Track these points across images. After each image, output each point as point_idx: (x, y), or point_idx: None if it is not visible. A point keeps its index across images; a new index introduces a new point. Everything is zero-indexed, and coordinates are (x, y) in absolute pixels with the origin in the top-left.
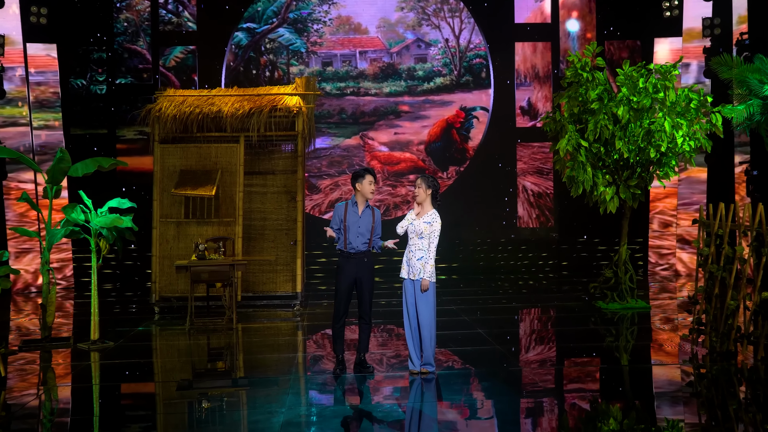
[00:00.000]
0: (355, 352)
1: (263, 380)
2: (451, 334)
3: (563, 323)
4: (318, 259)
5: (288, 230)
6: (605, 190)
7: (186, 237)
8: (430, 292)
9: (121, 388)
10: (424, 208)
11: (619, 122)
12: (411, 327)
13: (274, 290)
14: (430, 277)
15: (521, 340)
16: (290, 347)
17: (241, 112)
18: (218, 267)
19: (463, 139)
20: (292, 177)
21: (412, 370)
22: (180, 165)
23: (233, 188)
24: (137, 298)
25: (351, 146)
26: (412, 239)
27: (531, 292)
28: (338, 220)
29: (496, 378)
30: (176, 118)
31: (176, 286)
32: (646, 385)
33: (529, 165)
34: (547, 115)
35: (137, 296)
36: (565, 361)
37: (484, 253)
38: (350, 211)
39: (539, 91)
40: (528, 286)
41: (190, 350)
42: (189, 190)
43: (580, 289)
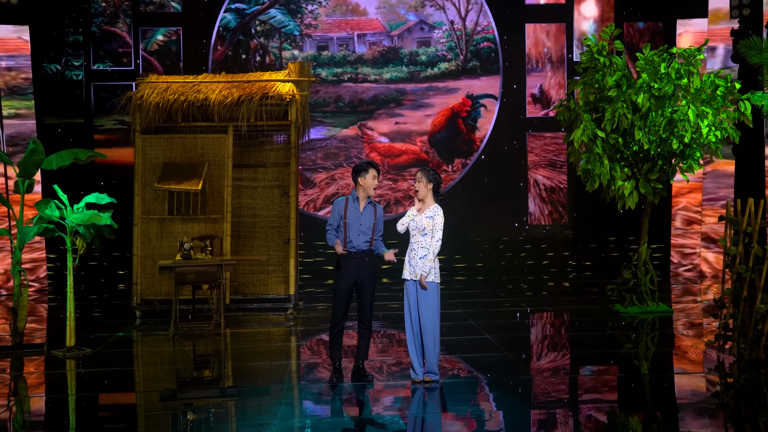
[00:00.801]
0: (354, 360)
1: (254, 390)
2: (456, 340)
3: (578, 328)
4: (313, 258)
5: (280, 228)
6: (624, 184)
7: (170, 235)
8: (433, 294)
9: (99, 398)
10: (426, 204)
11: (638, 111)
12: (413, 332)
13: (265, 292)
14: (431, 275)
15: (532, 346)
16: (283, 354)
17: (230, 100)
18: (205, 267)
19: (469, 130)
20: (284, 170)
21: (414, 379)
22: (163, 157)
23: (221, 182)
24: (117, 302)
25: (348, 137)
26: (414, 237)
27: (543, 295)
28: (338, 216)
29: (506, 387)
30: (159, 106)
31: (159, 288)
32: (668, 395)
33: (541, 157)
34: (561, 103)
35: (117, 299)
36: (580, 369)
37: (492, 253)
38: (351, 207)
39: (552, 77)
40: (540, 288)
41: (174, 358)
42: (173, 184)
43: (596, 292)
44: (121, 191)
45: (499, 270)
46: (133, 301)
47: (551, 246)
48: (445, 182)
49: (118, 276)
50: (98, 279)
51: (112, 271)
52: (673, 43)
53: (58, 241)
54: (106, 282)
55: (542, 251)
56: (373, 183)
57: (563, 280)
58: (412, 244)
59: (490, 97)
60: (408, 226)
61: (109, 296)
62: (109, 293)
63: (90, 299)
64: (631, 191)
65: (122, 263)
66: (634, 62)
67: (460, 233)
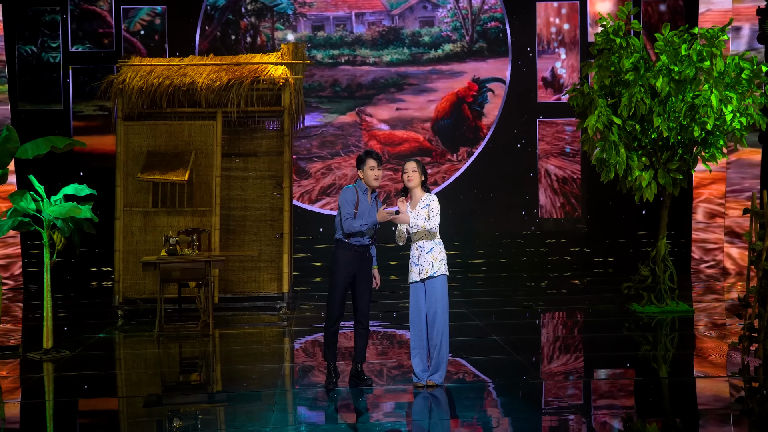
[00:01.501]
0: (351, 362)
1: (244, 395)
2: (462, 342)
3: (592, 329)
4: (308, 254)
5: (273, 221)
6: (641, 174)
7: (154, 229)
8: (443, 290)
9: (79, 404)
10: (416, 196)
11: (657, 96)
12: (419, 336)
13: (256, 290)
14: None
15: (543, 348)
16: (275, 356)
17: (218, 85)
18: (192, 264)
19: (476, 116)
20: (277, 160)
21: (416, 383)
22: (147, 145)
23: (209, 172)
24: (97, 300)
25: (346, 124)
26: (416, 234)
27: (554, 293)
28: (352, 205)
29: (515, 392)
30: (143, 91)
31: (143, 286)
32: (689, 400)
33: (553, 146)
34: (574, 87)
35: (97, 298)
36: (594, 372)
37: (499, 248)
38: (361, 200)
39: (565, 59)
40: (551, 286)
41: (159, 360)
42: (158, 174)
43: (611, 290)
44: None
45: (507, 267)
46: (114, 299)
47: (563, 241)
48: (450, 172)
49: (99, 273)
50: (77, 276)
51: (92, 268)
52: (694, 23)
53: (34, 235)
54: (86, 280)
55: (553, 246)
56: (372, 174)
57: (576, 278)
58: (416, 241)
59: (498, 81)
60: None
61: (89, 295)
62: (90, 292)
63: (69, 298)
64: (649, 182)
65: (103, 259)
66: (652, 43)
67: (465, 227)
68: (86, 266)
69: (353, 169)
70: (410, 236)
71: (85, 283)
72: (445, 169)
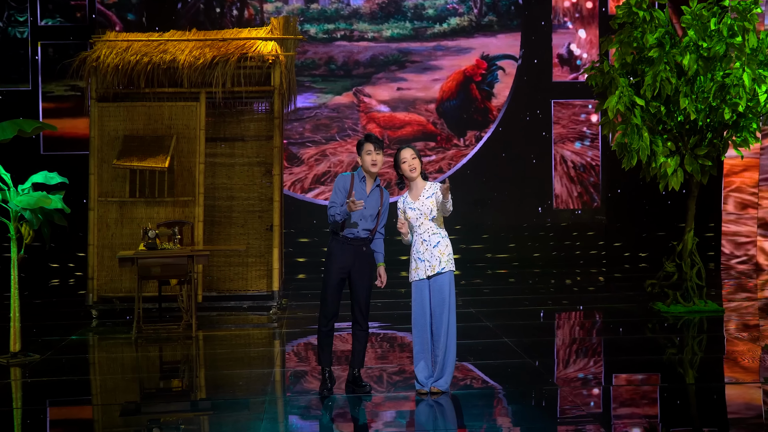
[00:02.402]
0: (348, 367)
1: (230, 403)
2: (469, 344)
3: (612, 330)
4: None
5: (262, 212)
6: (666, 161)
7: (131, 221)
8: (450, 287)
9: (49, 413)
10: (417, 186)
11: (684, 74)
12: (423, 339)
13: (244, 288)
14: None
15: (558, 351)
16: (265, 361)
17: (202, 62)
18: (173, 259)
19: (485, 97)
20: (266, 145)
21: (419, 390)
22: (123, 129)
23: (192, 159)
24: (70, 299)
25: (342, 105)
26: (421, 227)
27: (571, 291)
28: (343, 192)
29: (527, 399)
30: (119, 69)
31: (119, 284)
32: (718, 408)
33: (569, 129)
34: (593, 65)
35: (70, 296)
36: (614, 378)
37: (510, 242)
38: (357, 188)
39: (582, 35)
40: (567, 284)
41: (137, 365)
42: (135, 161)
43: (633, 288)
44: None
45: (518, 262)
46: (88, 298)
47: (581, 234)
48: (456, 158)
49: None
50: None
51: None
52: None
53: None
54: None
55: (570, 240)
56: (368, 159)
57: (595, 274)
58: (421, 235)
59: (509, 58)
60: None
61: (60, 293)
62: (61, 290)
63: (38, 297)
64: (675, 169)
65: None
66: (679, 17)
67: (473, 219)
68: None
69: (350, 155)
70: (413, 230)
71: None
72: (451, 155)
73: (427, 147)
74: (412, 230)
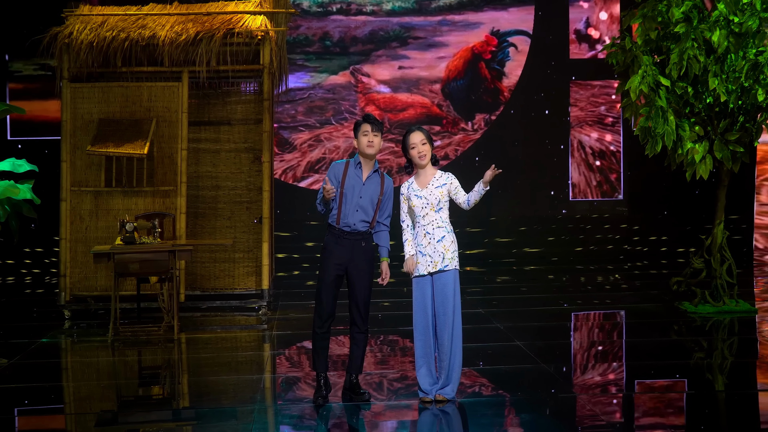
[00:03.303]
0: (345, 373)
1: (216, 412)
2: (478, 348)
3: (635, 332)
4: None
5: (250, 203)
6: (694, 147)
7: (107, 213)
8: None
9: (18, 423)
10: (426, 173)
11: (713, 52)
12: (425, 341)
13: (231, 287)
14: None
15: (576, 356)
16: (254, 366)
17: (184, 39)
18: (153, 254)
19: (495, 76)
20: (255, 129)
21: (423, 398)
22: (99, 112)
23: (173, 145)
24: (40, 299)
25: (338, 86)
26: (425, 217)
27: (589, 290)
28: (334, 181)
29: (541, 408)
30: (93, 46)
31: (94, 282)
32: (750, 418)
33: (588, 112)
34: (614, 42)
35: (40, 296)
36: (637, 384)
37: (523, 236)
38: (351, 175)
39: (602, 8)
40: (585, 281)
41: (114, 370)
42: (111, 147)
43: (658, 286)
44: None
45: (532, 258)
46: (60, 297)
47: (600, 227)
48: (463, 144)
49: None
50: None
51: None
52: None
53: None
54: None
55: (588, 234)
56: (364, 140)
57: (616, 271)
58: (425, 227)
59: (522, 34)
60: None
61: (30, 292)
62: (31, 288)
63: (6, 296)
64: (703, 156)
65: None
66: None
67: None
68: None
69: (347, 140)
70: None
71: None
72: (458, 140)
73: (431, 131)
74: (414, 220)
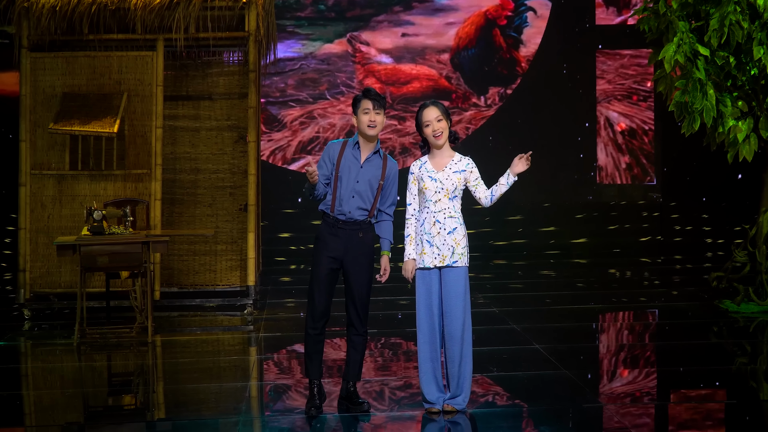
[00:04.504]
0: (341, 380)
1: (196, 424)
2: (491, 352)
3: (669, 334)
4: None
5: (234, 188)
6: (737, 125)
7: (73, 199)
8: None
9: None
10: (444, 154)
11: (759, 17)
12: (431, 343)
13: (212, 283)
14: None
15: (602, 361)
16: (238, 372)
17: (159, 2)
18: (124, 246)
19: (511, 45)
20: (239, 104)
21: (429, 409)
22: (62, 85)
23: (147, 122)
24: None
25: (333, 55)
26: (436, 204)
27: (618, 286)
28: (329, 164)
29: (563, 420)
30: (56, 11)
31: (58, 277)
32: None
33: (617, 85)
34: (645, 5)
35: None
36: (671, 394)
37: (542, 226)
38: (347, 156)
39: None
40: (612, 277)
41: (80, 377)
42: (77, 125)
43: (695, 281)
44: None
45: (553, 250)
46: (19, 295)
47: (630, 215)
48: (476, 122)
49: None
50: None
51: None
52: None
53: None
54: None
55: (617, 222)
56: (365, 119)
57: (647, 265)
58: (435, 214)
59: None
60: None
61: None
62: None
63: None
64: (747, 135)
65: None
66: None
67: None
68: None
69: (344, 117)
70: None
71: None
72: (469, 117)
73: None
74: (422, 205)
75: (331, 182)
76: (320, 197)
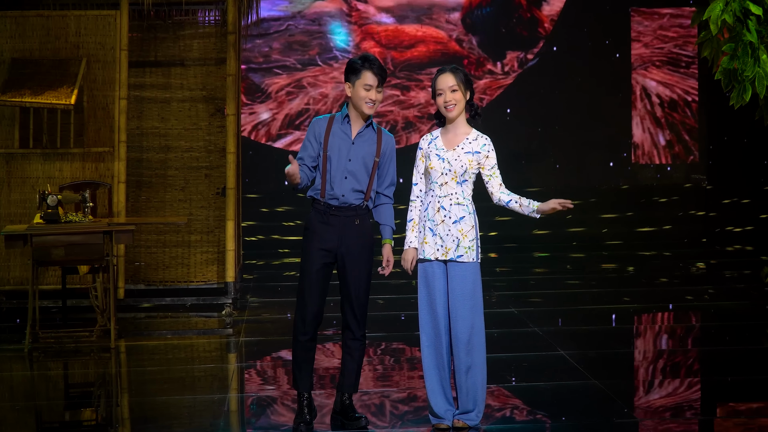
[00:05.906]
0: (335, 392)
1: None
2: (509, 359)
3: (715, 338)
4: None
5: (210, 169)
6: None
7: (23, 182)
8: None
9: None
10: (458, 129)
11: None
12: (436, 348)
13: (185, 279)
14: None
15: (637, 369)
16: (216, 382)
17: None
18: (83, 237)
19: (532, 2)
20: (216, 72)
21: (437, 425)
22: (11, 50)
23: (110, 92)
24: None
25: (325, 14)
26: (442, 187)
27: (656, 284)
28: (315, 144)
29: None
30: None
31: (6, 272)
32: None
33: (654, 50)
34: None
35: None
36: (718, 407)
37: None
38: (336, 132)
39: None
40: (650, 272)
41: (32, 388)
42: (28, 96)
43: (745, 278)
44: None
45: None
46: None
47: (670, 201)
48: (491, 92)
49: None
50: None
51: None
52: None
53: None
54: None
55: (655, 209)
56: (365, 96)
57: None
58: (440, 199)
59: None
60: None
61: None
62: None
63: None
64: None
65: None
66: None
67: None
68: None
69: (337, 87)
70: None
71: None
72: (483, 86)
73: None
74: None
75: (319, 164)
76: (307, 184)
